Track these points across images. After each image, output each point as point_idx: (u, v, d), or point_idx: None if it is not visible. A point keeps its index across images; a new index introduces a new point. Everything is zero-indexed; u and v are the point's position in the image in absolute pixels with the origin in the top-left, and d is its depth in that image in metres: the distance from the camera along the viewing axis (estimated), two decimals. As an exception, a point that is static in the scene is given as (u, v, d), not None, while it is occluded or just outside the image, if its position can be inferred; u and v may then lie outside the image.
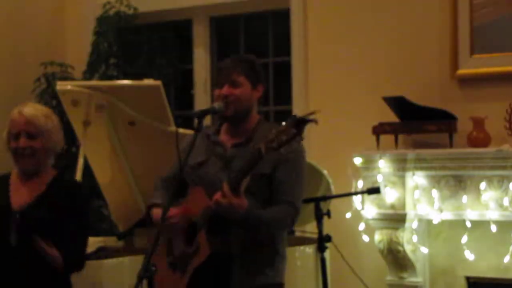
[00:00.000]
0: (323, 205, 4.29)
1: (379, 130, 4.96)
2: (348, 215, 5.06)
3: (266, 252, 3.15)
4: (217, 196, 2.94)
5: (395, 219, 4.77)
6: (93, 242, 4.44)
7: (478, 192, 4.58)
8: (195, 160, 3.18)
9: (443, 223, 4.76)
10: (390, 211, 4.78)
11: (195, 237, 3.08)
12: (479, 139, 4.74)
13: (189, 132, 3.31)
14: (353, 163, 4.94)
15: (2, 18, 6.03)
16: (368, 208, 4.86)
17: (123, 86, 4.56)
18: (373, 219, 4.86)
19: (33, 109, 3.35)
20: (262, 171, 3.04)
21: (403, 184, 4.76)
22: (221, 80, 3.16)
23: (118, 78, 5.94)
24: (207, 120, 3.83)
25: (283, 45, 5.80)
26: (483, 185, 4.56)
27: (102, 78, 5.92)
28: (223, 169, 3.13)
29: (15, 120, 3.33)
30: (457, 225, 4.73)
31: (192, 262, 3.08)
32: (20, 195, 3.30)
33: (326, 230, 4.22)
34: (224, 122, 3.23)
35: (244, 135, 3.17)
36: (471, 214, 4.61)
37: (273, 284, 3.17)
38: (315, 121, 2.83)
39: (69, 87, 4.29)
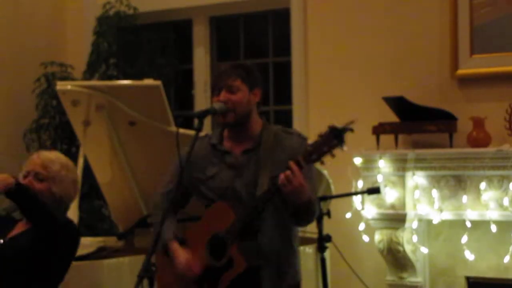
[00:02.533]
0: (323, 205, 4.29)
1: (379, 130, 4.96)
2: (348, 215, 5.06)
3: (289, 254, 3.16)
4: (287, 173, 2.87)
5: (395, 219, 4.77)
6: (93, 242, 4.46)
7: (478, 192, 4.58)
8: (203, 172, 3.17)
9: (443, 223, 4.76)
10: (390, 211, 4.78)
11: (223, 251, 3.04)
12: (479, 139, 4.74)
13: (189, 132, 3.31)
14: (353, 163, 4.94)
15: (2, 18, 6.03)
16: (368, 208, 4.86)
17: (123, 86, 4.56)
18: (373, 219, 4.86)
19: (51, 155, 3.38)
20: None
21: (403, 184, 4.76)
22: (217, 86, 3.15)
23: (118, 78, 5.94)
24: (207, 121, 3.82)
25: (283, 45, 5.80)
26: (483, 185, 4.56)
27: (102, 78, 5.92)
28: (236, 178, 3.11)
29: (31, 160, 3.37)
30: (457, 225, 4.73)
31: (225, 276, 3.04)
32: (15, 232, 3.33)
33: (326, 230, 4.22)
34: (225, 128, 3.21)
35: (250, 140, 3.15)
36: (471, 214, 4.61)
37: (295, 285, 3.19)
38: (351, 129, 2.87)
39: (69, 87, 4.29)
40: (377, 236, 4.87)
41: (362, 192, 4.74)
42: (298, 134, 3.19)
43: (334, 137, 2.86)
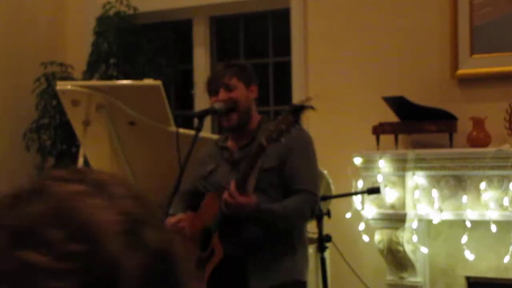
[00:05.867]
0: (323, 205, 4.28)
1: (379, 130, 4.96)
2: (348, 215, 5.06)
3: (282, 250, 3.13)
4: (225, 196, 2.93)
5: (395, 219, 4.77)
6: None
7: (478, 192, 4.58)
8: (205, 168, 3.24)
9: (443, 223, 4.76)
10: (390, 211, 4.78)
11: (209, 242, 3.08)
12: (479, 139, 4.74)
13: (189, 132, 3.31)
14: (353, 163, 4.94)
15: (2, 18, 6.03)
16: (368, 208, 4.86)
17: (123, 86, 4.56)
18: (373, 219, 4.86)
19: None
20: (268, 166, 3.07)
21: (403, 184, 4.76)
22: (214, 87, 3.17)
23: (118, 78, 5.94)
24: (207, 121, 3.82)
25: (283, 45, 5.79)
26: (483, 185, 4.56)
27: (102, 78, 5.92)
28: (232, 172, 3.16)
29: None
30: (457, 225, 4.73)
31: (207, 266, 3.06)
32: None
33: (326, 230, 4.22)
34: (232, 133, 3.26)
35: (249, 136, 3.20)
36: (471, 214, 4.61)
37: (293, 282, 3.16)
38: (311, 107, 2.80)
39: (69, 87, 4.28)
40: (377, 236, 4.87)
41: (362, 192, 4.74)
42: (298, 128, 3.07)
43: (292, 115, 2.80)
